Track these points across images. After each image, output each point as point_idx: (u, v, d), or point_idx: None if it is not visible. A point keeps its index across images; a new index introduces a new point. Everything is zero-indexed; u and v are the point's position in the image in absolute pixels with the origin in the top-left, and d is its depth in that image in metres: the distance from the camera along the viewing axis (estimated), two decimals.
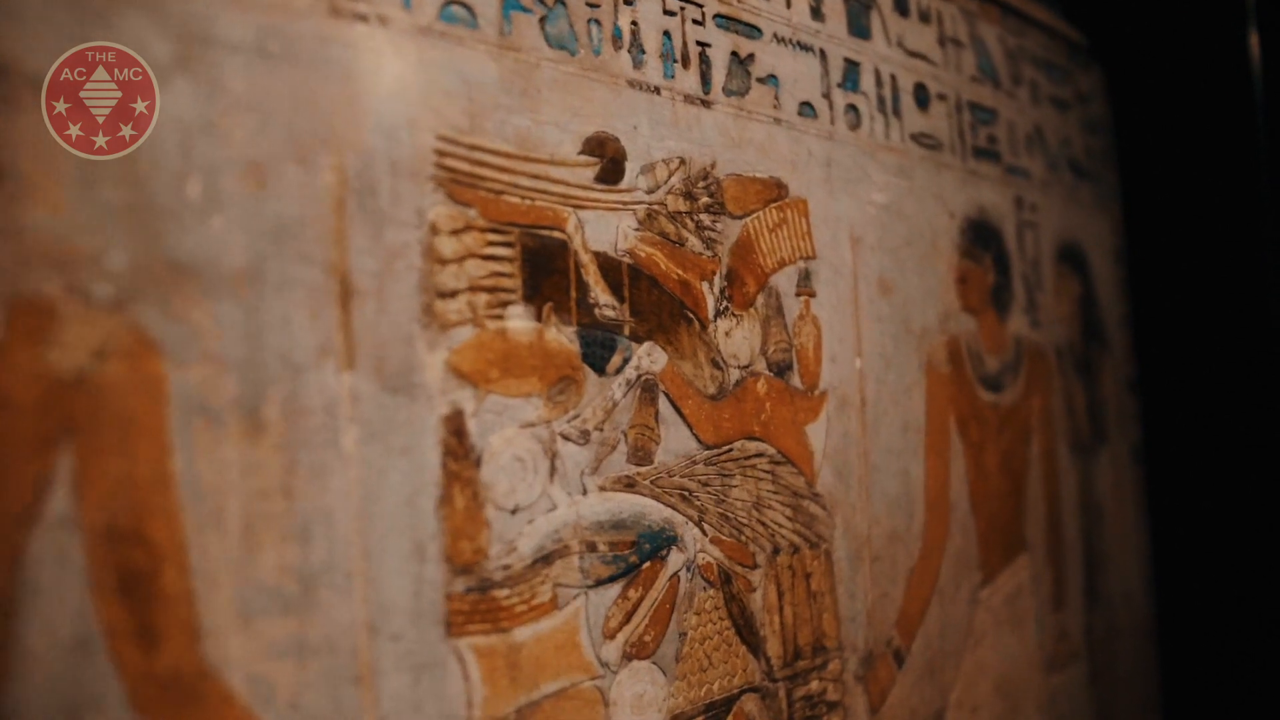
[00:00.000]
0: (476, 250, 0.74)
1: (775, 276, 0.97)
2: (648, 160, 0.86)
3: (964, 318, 1.21)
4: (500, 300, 0.75)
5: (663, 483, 0.84)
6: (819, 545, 0.98)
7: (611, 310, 0.82)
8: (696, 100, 0.91)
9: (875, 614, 1.04)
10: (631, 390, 0.83)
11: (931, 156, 1.19)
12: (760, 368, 0.94)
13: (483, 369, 0.74)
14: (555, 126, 0.80)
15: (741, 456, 0.91)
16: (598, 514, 0.80)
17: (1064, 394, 1.40)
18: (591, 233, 0.81)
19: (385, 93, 0.71)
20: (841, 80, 1.07)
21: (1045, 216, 1.40)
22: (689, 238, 0.89)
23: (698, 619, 0.86)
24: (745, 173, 0.95)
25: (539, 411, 0.77)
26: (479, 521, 0.73)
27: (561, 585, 0.77)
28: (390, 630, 0.68)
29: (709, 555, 0.88)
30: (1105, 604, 1.47)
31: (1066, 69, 1.50)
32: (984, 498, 1.21)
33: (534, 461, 0.76)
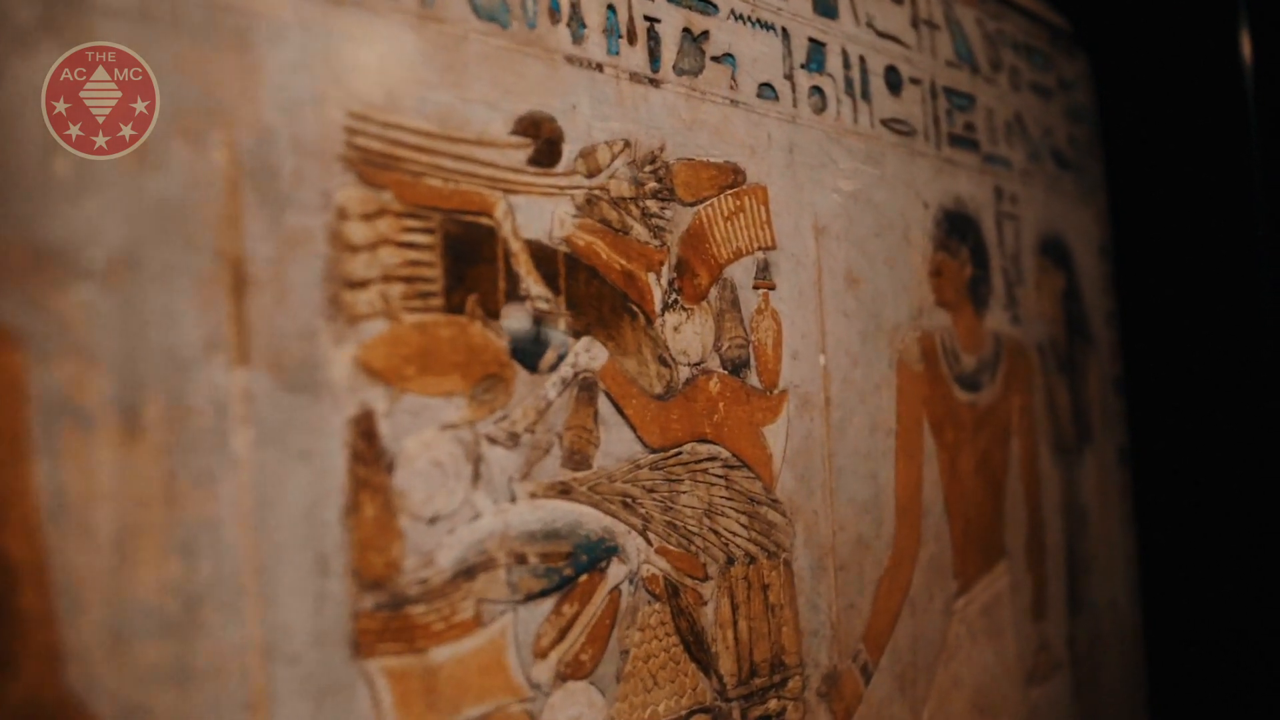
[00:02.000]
0: (391, 237, 0.68)
1: (731, 268, 0.91)
2: (588, 142, 0.80)
3: (939, 313, 1.15)
4: (418, 291, 0.69)
5: (602, 489, 0.78)
6: (778, 554, 0.92)
7: (545, 303, 0.76)
8: (644, 79, 0.85)
9: (840, 627, 0.98)
10: (568, 389, 0.77)
11: (904, 143, 1.13)
12: (713, 365, 0.88)
13: (397, 366, 0.68)
14: (484, 104, 0.74)
15: (691, 460, 0.85)
16: (528, 523, 0.74)
17: (1046, 393, 1.34)
18: (524, 219, 0.75)
19: (288, 64, 0.65)
20: (805, 61, 1.01)
21: (1026, 208, 1.34)
22: (634, 225, 0.83)
23: (641, 635, 0.80)
24: (698, 157, 0.89)
25: (462, 412, 0.71)
26: (391, 532, 0.67)
27: (486, 601, 0.71)
28: (288, 652, 0.62)
29: (654, 567, 0.82)
30: (1089, 612, 1.41)
31: (1049, 55, 1.44)
32: (959, 502, 1.15)
33: (455, 466, 0.70)
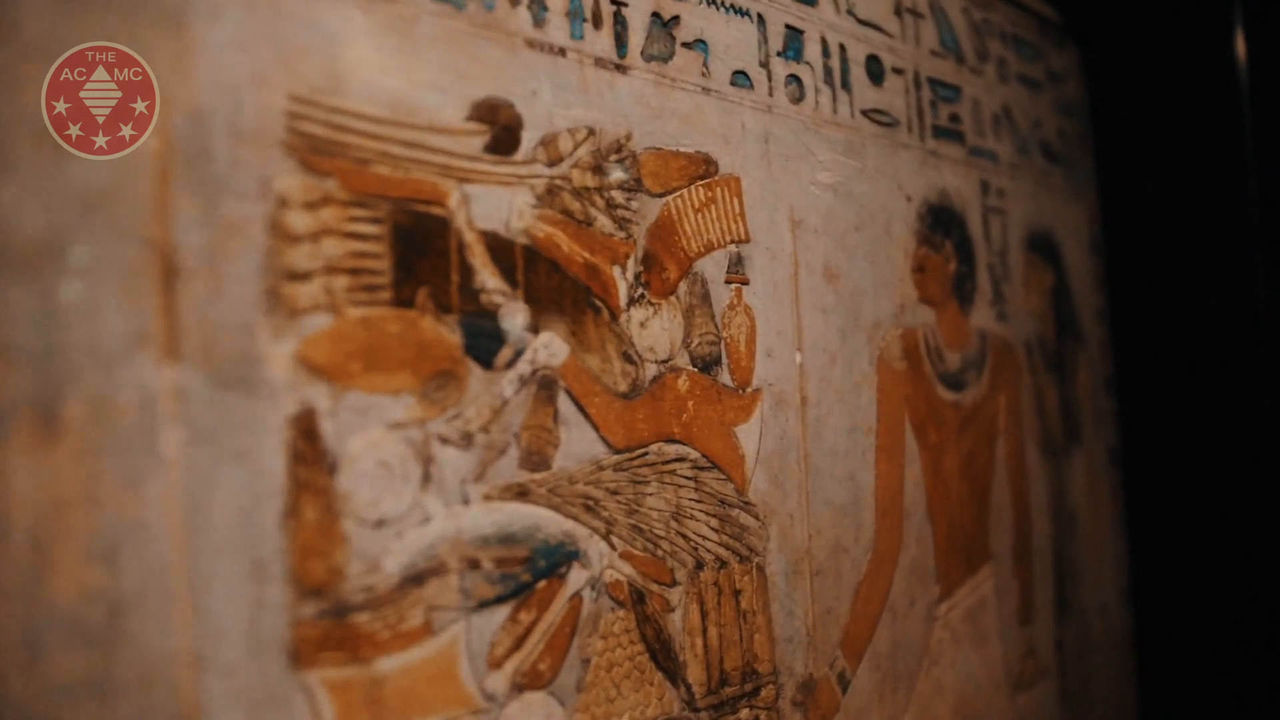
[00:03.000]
0: (336, 227, 0.65)
1: (701, 261, 0.87)
2: (549, 130, 0.77)
3: (922, 309, 1.11)
4: (364, 284, 0.66)
5: (563, 491, 0.75)
6: (750, 559, 0.89)
7: (501, 296, 0.72)
8: (610, 65, 0.82)
9: (817, 634, 0.95)
10: (525, 387, 0.73)
11: (886, 134, 1.10)
12: (682, 362, 0.85)
13: (341, 362, 0.64)
14: (437, 89, 0.71)
15: (658, 461, 0.82)
16: (482, 527, 0.70)
17: (1034, 392, 1.31)
18: (479, 209, 0.72)
19: (225, 43, 0.61)
20: (782, 48, 0.98)
21: (1014, 202, 1.30)
22: (598, 217, 0.79)
23: (604, 644, 0.77)
24: (667, 146, 0.86)
25: (411, 411, 0.67)
26: (334, 536, 0.63)
27: (437, 608, 0.67)
28: (221, 663, 0.59)
29: (618, 572, 0.78)
30: (1078, 617, 1.38)
31: (1038, 47, 1.41)
32: (943, 505, 1.12)
33: (404, 467, 0.67)
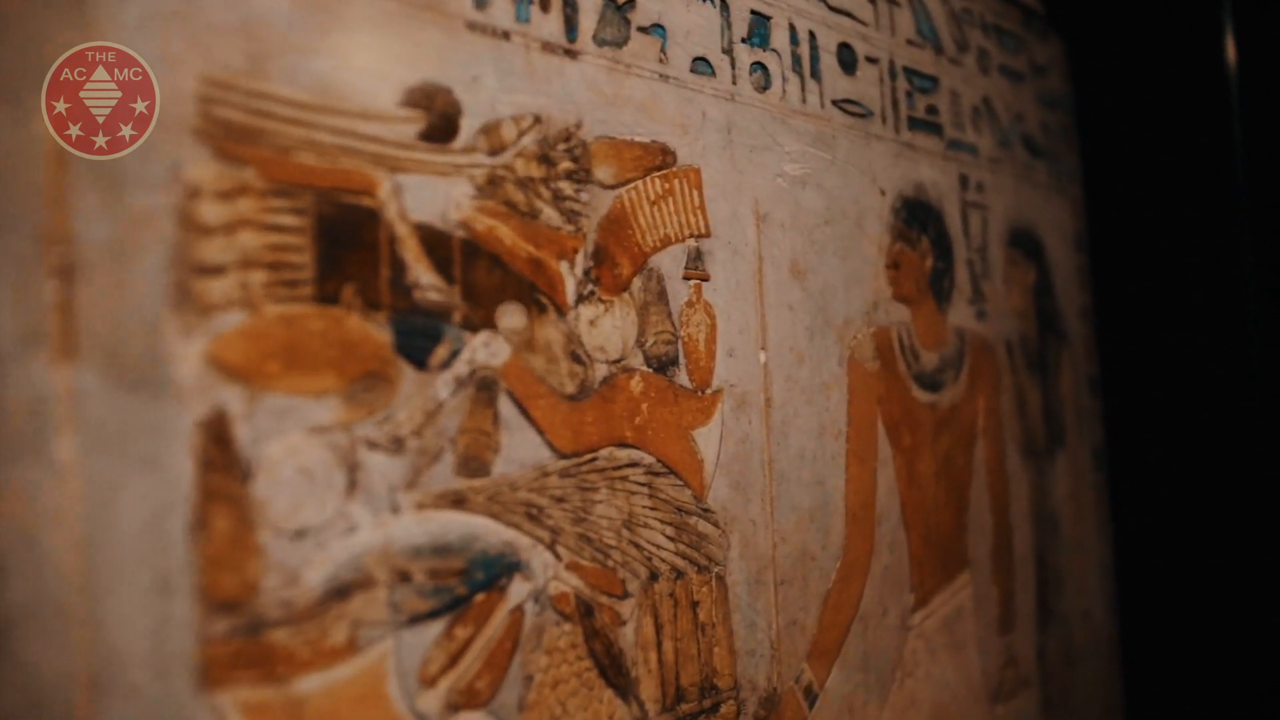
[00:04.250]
0: (253, 218, 0.61)
1: (657, 256, 0.83)
2: (492, 117, 0.73)
3: (896, 307, 1.07)
4: (284, 279, 0.62)
5: (503, 498, 0.71)
6: (709, 568, 0.85)
7: (436, 292, 0.68)
8: (558, 49, 0.78)
9: (781, 646, 0.91)
10: (463, 389, 0.69)
11: (859, 126, 1.06)
12: (636, 362, 0.81)
13: (258, 362, 0.60)
14: (369, 74, 0.67)
15: (609, 467, 0.78)
16: (414, 537, 0.66)
17: (1015, 393, 1.27)
18: (413, 200, 0.68)
19: (128, 21, 0.57)
20: (747, 35, 0.94)
21: (995, 197, 1.26)
22: (544, 209, 0.75)
23: (549, 659, 0.73)
24: (621, 135, 0.81)
25: (335, 414, 0.63)
26: (248, 548, 0.59)
27: (363, 623, 0.63)
28: (122, 685, 0.55)
29: (564, 584, 0.74)
30: (1061, 624, 1.34)
31: (1021, 38, 1.37)
32: (918, 510, 1.08)
33: (326, 474, 0.63)
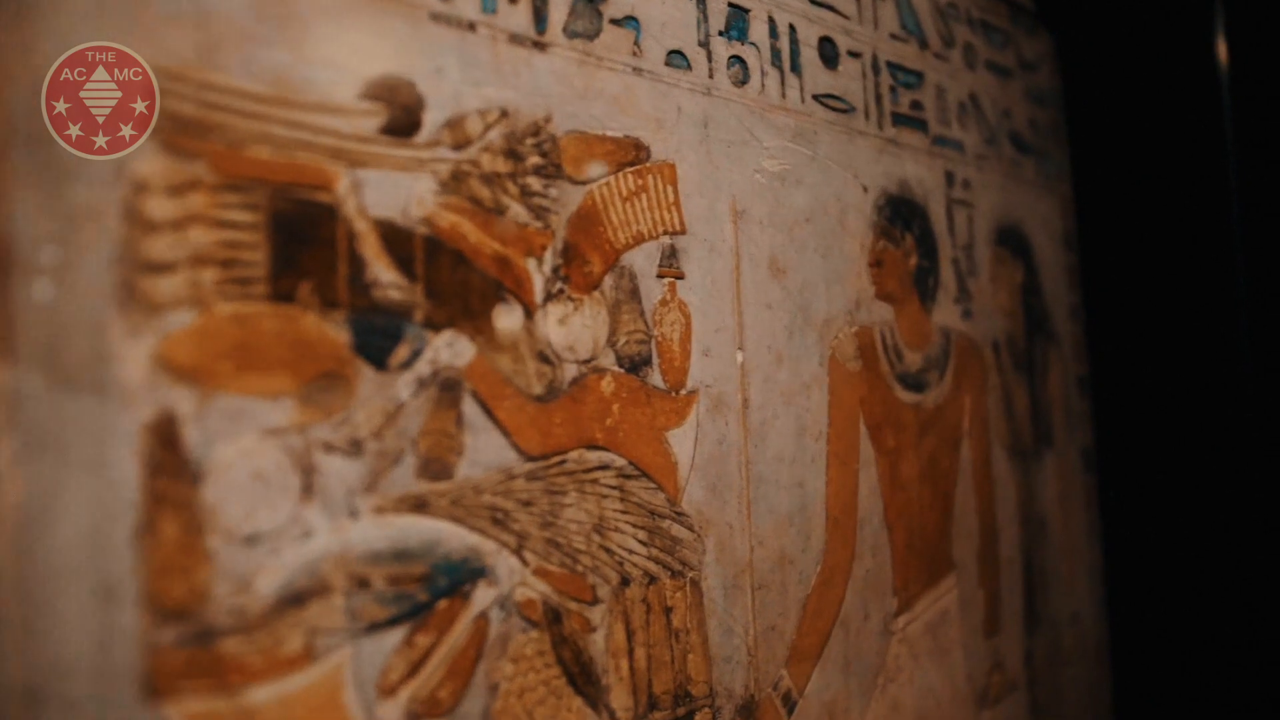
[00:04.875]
0: (204, 214, 0.59)
1: (630, 254, 0.82)
2: (456, 110, 0.71)
3: (879, 306, 1.06)
4: (237, 277, 0.60)
5: (467, 502, 0.69)
6: (684, 573, 0.83)
7: (397, 291, 0.67)
8: (527, 41, 0.76)
9: (759, 652, 0.89)
10: (425, 389, 0.68)
11: (841, 121, 1.04)
12: (607, 362, 0.79)
13: (208, 363, 0.58)
14: (328, 65, 0.65)
15: (579, 469, 0.76)
16: (373, 542, 0.64)
17: (1001, 393, 1.25)
18: (374, 196, 0.66)
19: (74, 10, 0.56)
20: (725, 28, 0.92)
21: (981, 194, 1.24)
22: (511, 205, 0.73)
23: (515, 667, 0.71)
24: (592, 130, 0.80)
25: (290, 415, 0.61)
26: (198, 554, 0.58)
27: (319, 631, 0.62)
28: (63, 697, 0.53)
29: (531, 590, 0.72)
30: (1049, 627, 1.32)
31: (1008, 33, 1.35)
32: (901, 512, 1.06)
33: (281, 478, 0.61)
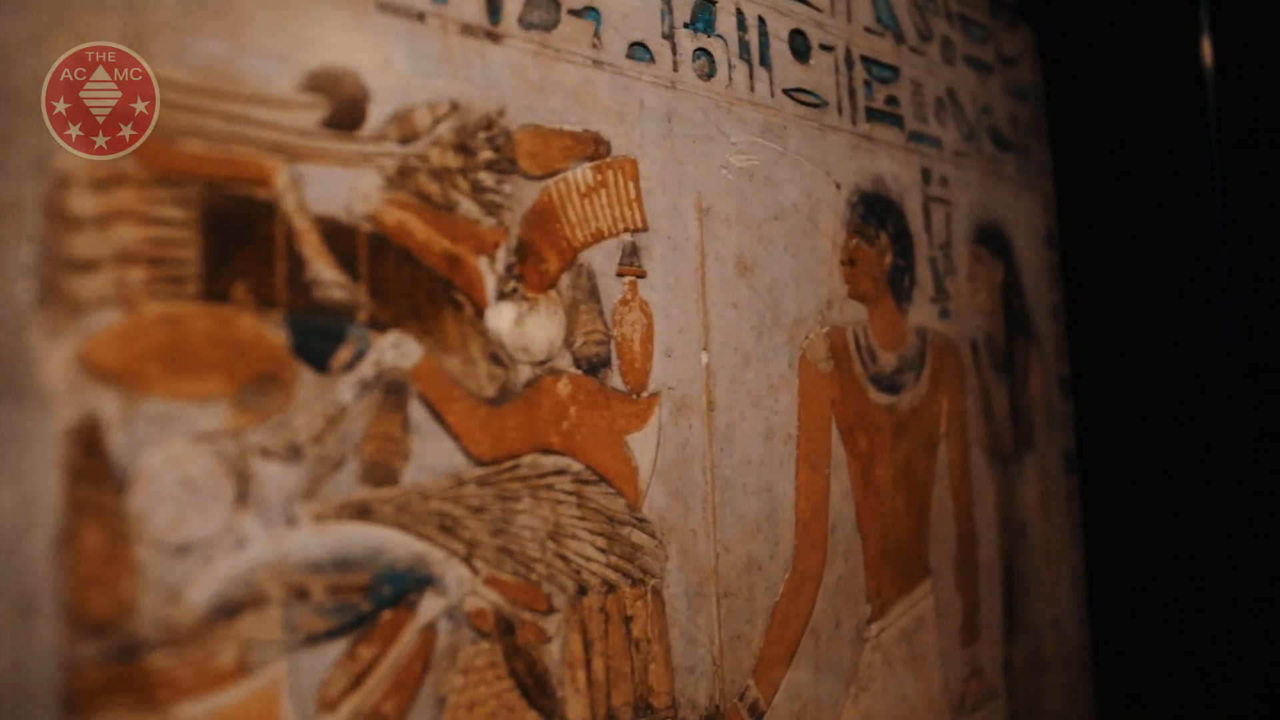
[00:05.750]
0: (132, 210, 0.57)
1: (588, 252, 0.79)
2: (404, 103, 0.69)
3: (852, 306, 1.03)
4: (167, 275, 0.58)
5: (414, 509, 0.67)
6: (645, 581, 0.81)
7: (339, 290, 0.64)
8: (480, 32, 0.74)
9: (725, 661, 0.87)
10: (368, 392, 0.65)
11: (812, 116, 1.02)
12: (564, 364, 0.77)
13: (136, 365, 0.56)
14: (267, 56, 0.63)
15: (533, 475, 0.74)
16: (312, 550, 0.62)
17: (981, 394, 1.22)
18: (315, 192, 0.64)
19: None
20: (690, 19, 0.90)
21: (960, 191, 1.22)
22: (461, 201, 0.71)
23: (464, 679, 0.69)
24: (549, 124, 0.77)
25: (223, 420, 0.59)
26: (123, 565, 0.55)
27: (254, 644, 0.59)
28: None
29: (482, 599, 0.70)
30: (1029, 633, 1.30)
31: (988, 27, 1.33)
32: (875, 517, 1.03)
33: (213, 485, 0.59)
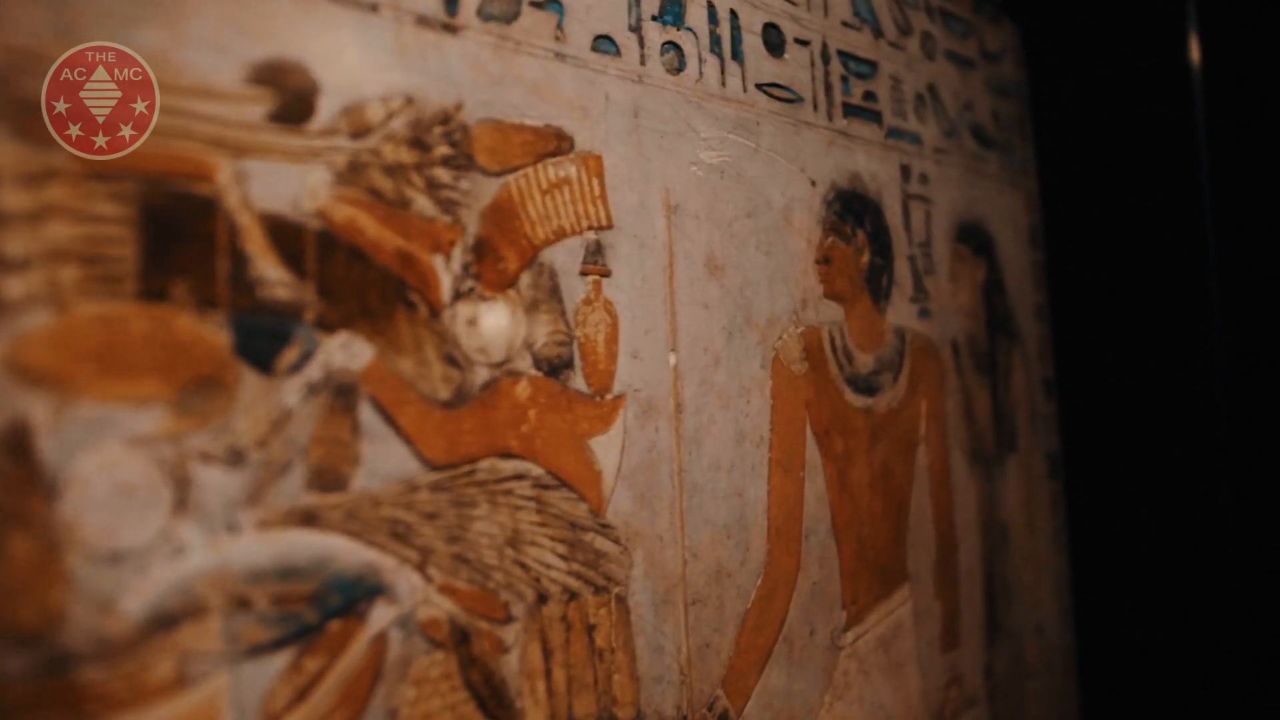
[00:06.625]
0: (65, 206, 0.55)
1: (550, 250, 0.77)
2: (355, 97, 0.67)
3: (828, 305, 1.01)
4: (101, 274, 0.56)
5: (363, 515, 0.65)
6: (608, 589, 0.79)
7: (285, 289, 0.62)
8: (436, 24, 0.72)
9: (693, 671, 0.85)
10: (316, 395, 0.63)
11: (787, 111, 1.00)
12: (523, 365, 0.75)
13: (68, 367, 0.54)
14: (210, 47, 0.61)
15: (490, 480, 0.71)
16: (255, 559, 0.60)
17: (961, 396, 1.21)
18: (260, 188, 0.62)
19: None
20: (659, 12, 0.88)
21: (940, 189, 1.20)
22: (416, 198, 0.69)
23: (417, 691, 0.67)
24: (509, 119, 0.75)
25: (161, 423, 0.57)
26: (52, 574, 0.53)
27: (193, 656, 0.57)
28: None
29: (436, 608, 0.68)
30: (1011, 639, 1.28)
31: (970, 23, 1.31)
32: (851, 521, 1.01)
33: (150, 491, 0.56)
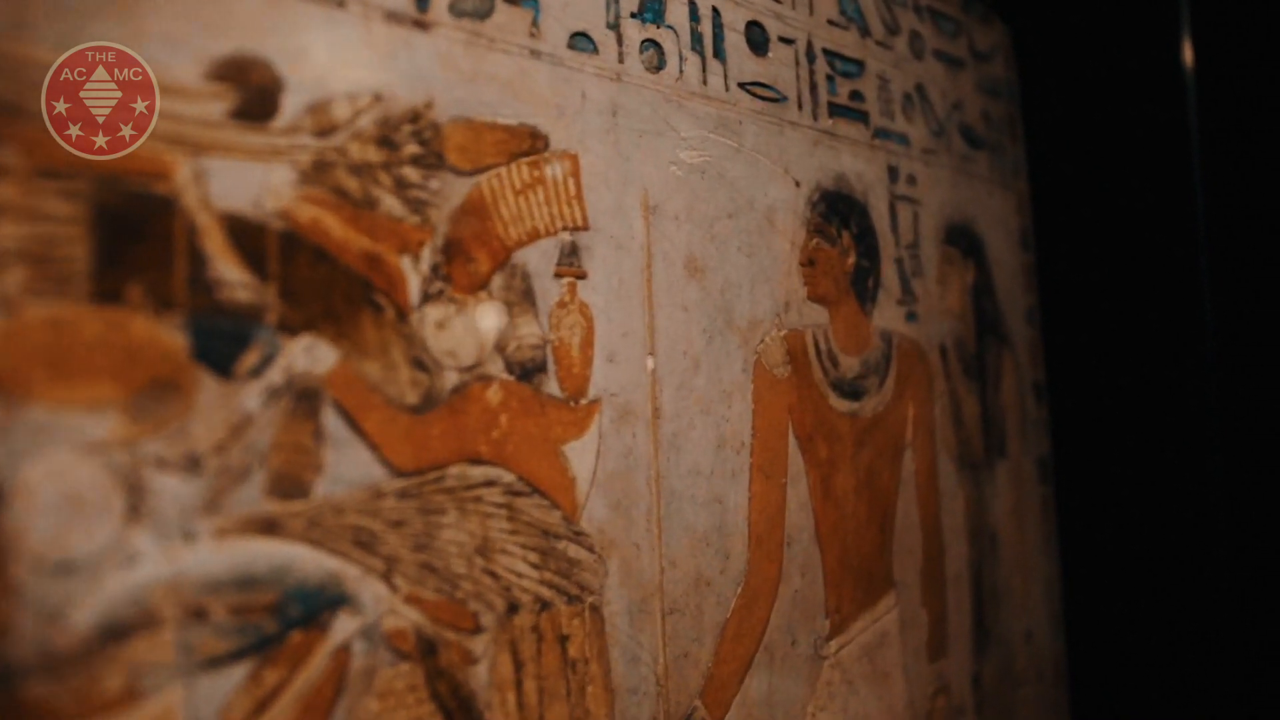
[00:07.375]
0: (13, 204, 0.53)
1: (523, 251, 0.76)
2: (321, 94, 0.65)
3: (812, 308, 1.00)
4: (52, 275, 0.54)
5: (326, 523, 0.63)
6: (582, 598, 0.77)
7: (245, 290, 0.60)
8: (406, 20, 0.70)
9: (669, 682, 0.83)
10: (277, 399, 0.61)
11: (770, 111, 0.98)
12: (494, 369, 0.73)
13: (15, 370, 0.52)
14: (169, 42, 0.59)
15: (459, 486, 0.70)
16: (212, 568, 0.58)
17: (949, 400, 1.19)
18: (220, 186, 0.60)
19: None
20: (638, 9, 0.86)
21: (928, 190, 1.19)
22: (383, 198, 0.67)
23: (382, 704, 0.65)
24: (481, 117, 0.74)
25: (114, 429, 0.55)
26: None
27: (145, 668, 0.55)
28: None
29: (402, 618, 0.66)
30: (1000, 647, 1.26)
31: (959, 22, 1.30)
32: (835, 528, 1.00)
33: (101, 498, 0.55)
